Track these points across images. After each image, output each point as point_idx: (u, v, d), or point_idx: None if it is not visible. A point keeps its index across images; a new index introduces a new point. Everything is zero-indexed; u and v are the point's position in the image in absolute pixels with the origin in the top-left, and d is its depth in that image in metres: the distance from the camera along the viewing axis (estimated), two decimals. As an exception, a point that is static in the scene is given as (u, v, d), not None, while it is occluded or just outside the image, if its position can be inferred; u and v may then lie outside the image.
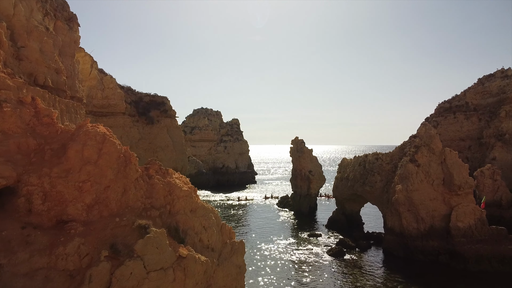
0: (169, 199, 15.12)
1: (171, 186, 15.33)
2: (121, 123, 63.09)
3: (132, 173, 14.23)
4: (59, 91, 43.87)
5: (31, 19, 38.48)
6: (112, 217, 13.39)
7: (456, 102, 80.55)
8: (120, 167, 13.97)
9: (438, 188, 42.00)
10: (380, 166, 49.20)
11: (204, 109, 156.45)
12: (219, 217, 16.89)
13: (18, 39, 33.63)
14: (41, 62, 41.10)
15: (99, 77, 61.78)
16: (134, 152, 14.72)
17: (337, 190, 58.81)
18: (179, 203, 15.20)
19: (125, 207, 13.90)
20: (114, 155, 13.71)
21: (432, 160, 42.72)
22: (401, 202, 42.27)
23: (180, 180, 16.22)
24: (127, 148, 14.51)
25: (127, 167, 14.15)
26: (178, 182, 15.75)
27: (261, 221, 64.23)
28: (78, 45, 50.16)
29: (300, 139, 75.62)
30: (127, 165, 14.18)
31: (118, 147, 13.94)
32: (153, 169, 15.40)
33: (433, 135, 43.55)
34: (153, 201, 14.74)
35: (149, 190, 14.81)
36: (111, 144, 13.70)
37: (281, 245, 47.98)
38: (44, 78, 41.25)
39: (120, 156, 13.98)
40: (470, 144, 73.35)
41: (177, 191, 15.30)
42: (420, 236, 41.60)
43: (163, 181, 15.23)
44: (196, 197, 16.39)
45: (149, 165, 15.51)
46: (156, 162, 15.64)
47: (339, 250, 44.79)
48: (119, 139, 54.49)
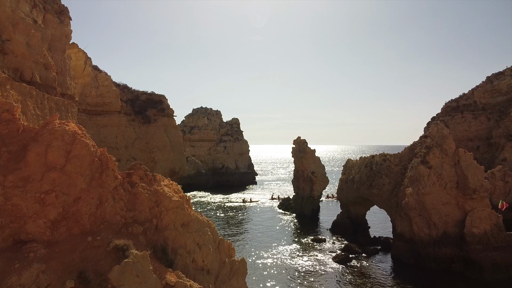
0: (156, 212, 12.57)
1: (159, 195, 12.77)
2: (116, 122, 60.48)
3: (110, 181, 11.66)
4: (48, 88, 41.27)
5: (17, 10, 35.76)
6: (84, 236, 10.84)
7: (463, 101, 77.97)
8: (95, 173, 11.42)
9: (451, 192, 39.45)
10: (388, 167, 46.64)
11: (203, 109, 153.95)
12: (216, 231, 14.33)
13: (2, 32, 30.93)
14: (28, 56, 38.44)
15: (93, 74, 59.17)
16: (112, 156, 12.14)
17: (342, 192, 56.24)
18: (168, 216, 12.64)
19: (100, 222, 11.34)
20: (87, 158, 11.14)
21: (445, 161, 40.16)
22: (411, 206, 39.71)
23: (170, 188, 13.65)
24: (104, 150, 11.93)
25: (103, 174, 11.58)
26: (168, 191, 13.19)
27: (262, 224, 61.66)
28: (70, 40, 47.50)
29: (303, 139, 73.04)
30: (103, 171, 11.61)
31: (91, 149, 11.37)
32: (136, 175, 12.82)
33: (445, 135, 41.00)
34: (136, 215, 12.18)
35: (131, 201, 12.25)
36: (83, 146, 11.12)
37: (284, 252, 45.41)
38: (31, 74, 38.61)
39: (94, 160, 11.41)
40: (479, 144, 70.82)
41: (165, 202, 12.74)
42: (432, 243, 39.06)
43: (148, 190, 12.67)
44: (189, 208, 13.83)
45: (132, 171, 12.93)
46: (140, 167, 13.06)
47: (345, 257, 42.27)
48: (114, 139, 51.43)
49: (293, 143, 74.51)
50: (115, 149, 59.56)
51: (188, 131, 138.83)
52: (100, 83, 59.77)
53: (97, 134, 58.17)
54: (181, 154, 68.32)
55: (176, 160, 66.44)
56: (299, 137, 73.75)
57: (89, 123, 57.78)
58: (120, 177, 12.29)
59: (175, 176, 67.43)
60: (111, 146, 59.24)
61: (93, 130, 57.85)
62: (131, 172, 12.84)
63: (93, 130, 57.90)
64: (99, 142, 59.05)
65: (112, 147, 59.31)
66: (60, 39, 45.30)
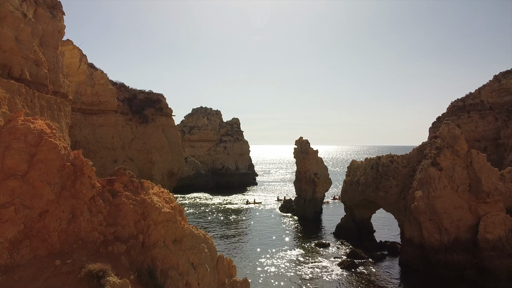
0: (143, 226, 10.57)
1: (146, 206, 10.77)
2: (112, 122, 58.48)
3: (85, 190, 9.67)
4: (39, 85, 39.20)
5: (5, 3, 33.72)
6: (52, 258, 8.85)
7: (470, 101, 75.92)
8: (66, 181, 9.42)
9: (463, 195, 37.43)
10: (396, 169, 44.60)
11: (203, 108, 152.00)
12: (214, 247, 12.31)
13: (-13, 25, 28.92)
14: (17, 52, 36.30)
15: (89, 72, 57.18)
16: (89, 160, 10.13)
17: (346, 195, 54.20)
18: (157, 232, 10.64)
19: (73, 241, 9.34)
20: (55, 163, 9.16)
21: (457, 163, 38.14)
22: (421, 210, 37.68)
23: (160, 197, 11.64)
24: (78, 153, 9.93)
25: (77, 182, 9.59)
26: (157, 201, 11.18)
27: (263, 227, 59.63)
28: (63, 36, 45.52)
29: (305, 139, 71.00)
30: (77, 179, 9.62)
31: (62, 152, 9.38)
32: (120, 182, 10.81)
33: (457, 136, 38.99)
34: (118, 230, 10.17)
35: (113, 213, 10.25)
36: (51, 148, 9.13)
37: (286, 257, 43.38)
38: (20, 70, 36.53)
39: (66, 165, 9.42)
40: (486, 145, 68.82)
41: (154, 214, 10.74)
42: (443, 249, 37.02)
43: (134, 200, 10.67)
44: (182, 220, 11.82)
45: (114, 177, 10.92)
46: (125, 172, 11.05)
47: (351, 263, 40.23)
48: (110, 139, 48.94)
49: (295, 144, 72.48)
50: (111, 150, 57.63)
51: (188, 131, 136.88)
52: (96, 81, 57.78)
53: (93, 134, 56.20)
54: (179, 155, 66.33)
55: (175, 161, 64.46)
56: (301, 137, 71.70)
57: (85, 122, 55.83)
58: (99, 185, 10.28)
59: (174, 177, 65.46)
60: (107, 146, 57.31)
61: (88, 130, 55.92)
62: (113, 179, 10.82)
63: (89, 130, 55.97)
64: (94, 142, 57.18)
65: (108, 147, 57.38)
66: (53, 34, 43.29)
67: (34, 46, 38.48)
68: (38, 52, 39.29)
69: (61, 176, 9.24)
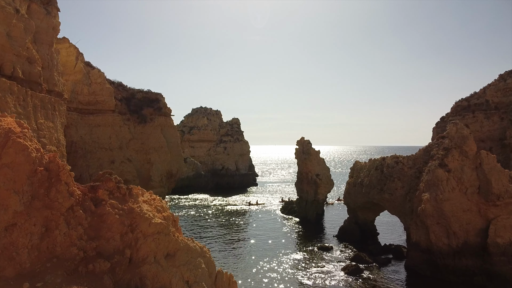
0: (130, 239, 9.21)
1: (135, 216, 9.41)
2: (110, 121, 57.15)
3: (62, 199, 8.30)
4: (32, 83, 37.83)
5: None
6: (19, 280, 7.50)
7: (475, 100, 74.53)
8: (38, 189, 8.06)
9: (472, 198, 36.04)
10: (401, 170, 43.20)
11: (203, 108, 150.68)
12: (212, 261, 10.94)
13: (-24, 20, 27.60)
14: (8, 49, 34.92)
15: (86, 70, 55.88)
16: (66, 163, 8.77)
17: (349, 196, 52.80)
18: (146, 245, 9.28)
19: (46, 259, 7.98)
20: (25, 168, 7.80)
21: (465, 164, 36.75)
22: (428, 213, 36.30)
23: (152, 205, 10.26)
24: (54, 156, 8.56)
25: (51, 189, 8.23)
26: (147, 210, 9.81)
27: (264, 230, 58.23)
28: (58, 32, 44.17)
29: (306, 139, 69.58)
30: (52, 186, 8.26)
31: (33, 155, 8.01)
32: (104, 189, 9.44)
33: (466, 136, 37.61)
34: (102, 245, 8.82)
35: (95, 225, 8.90)
36: (19, 150, 7.76)
37: (288, 261, 41.99)
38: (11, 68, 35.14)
39: (38, 170, 8.06)
40: (491, 145, 67.43)
41: (143, 225, 9.39)
42: (451, 253, 35.66)
43: (121, 209, 9.31)
44: (176, 231, 10.45)
45: (98, 183, 9.56)
46: (110, 178, 9.69)
47: (355, 268, 38.83)
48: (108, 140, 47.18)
49: (296, 144, 71.07)
50: (108, 150, 56.31)
51: (188, 131, 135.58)
52: (93, 80, 56.46)
53: (90, 134, 54.89)
54: (178, 155, 64.97)
55: (174, 162, 63.11)
56: (302, 137, 70.28)
57: (81, 122, 54.52)
58: (79, 192, 8.91)
59: (173, 178, 64.13)
60: (105, 147, 56.00)
61: (85, 130, 54.60)
62: (96, 185, 9.45)
63: (85, 130, 54.65)
64: (91, 142, 55.80)
65: (105, 148, 56.06)
66: (47, 31, 41.92)
67: (27, 43, 37.10)
68: (31, 49, 37.91)
69: (32, 183, 7.89)
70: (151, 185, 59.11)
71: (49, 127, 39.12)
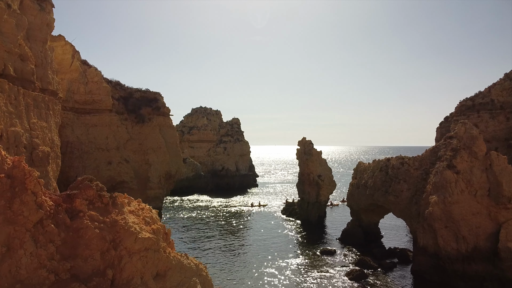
0: (113, 258, 7.83)
1: (118, 230, 8.03)
2: (107, 121, 55.69)
3: (28, 212, 6.92)
4: (24, 81, 36.37)
5: (-14, -8, 31.04)
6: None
7: (479, 100, 73.11)
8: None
9: (482, 200, 34.64)
10: (407, 172, 41.80)
11: (203, 108, 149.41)
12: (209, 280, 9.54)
13: (-36, 14, 26.24)
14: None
15: (82, 69, 54.45)
16: (34, 169, 7.39)
17: (353, 198, 51.40)
18: (131, 265, 7.89)
19: (8, 285, 6.60)
20: (-20, 176, 6.42)
21: (475, 166, 35.36)
22: (436, 216, 34.90)
23: (139, 216, 8.87)
24: (19, 161, 7.18)
25: (15, 201, 6.85)
26: (134, 221, 8.43)
27: (265, 232, 56.85)
28: (52, 29, 42.73)
29: (308, 140, 68.19)
30: (15, 196, 6.88)
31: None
32: (82, 198, 8.05)
33: (475, 136, 36.22)
34: (78, 265, 7.43)
35: (70, 242, 7.52)
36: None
37: (290, 266, 40.58)
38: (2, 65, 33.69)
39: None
40: (497, 146, 65.94)
41: (128, 241, 8.00)
42: (460, 258, 34.25)
43: (102, 222, 7.92)
44: (167, 246, 9.06)
45: (76, 191, 8.16)
46: (90, 185, 8.29)
47: (360, 273, 37.48)
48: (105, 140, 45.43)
49: (298, 144, 69.67)
50: (105, 151, 54.89)
51: (187, 131, 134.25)
52: (90, 79, 55.02)
53: (86, 135, 53.47)
54: (177, 156, 63.54)
55: (172, 163, 61.67)
56: (304, 138, 68.89)
57: (77, 122, 53.09)
58: (51, 203, 7.53)
59: (171, 179, 62.71)
60: (101, 147, 54.58)
61: (81, 130, 53.18)
62: (73, 194, 8.06)
63: (82, 130, 53.22)
64: (88, 143, 54.36)
65: (102, 148, 54.65)
66: (41, 28, 40.48)
67: (19, 39, 35.66)
68: (23, 46, 36.48)
69: (-11, 194, 6.52)
70: (149, 186, 57.72)
71: (43, 127, 37.71)
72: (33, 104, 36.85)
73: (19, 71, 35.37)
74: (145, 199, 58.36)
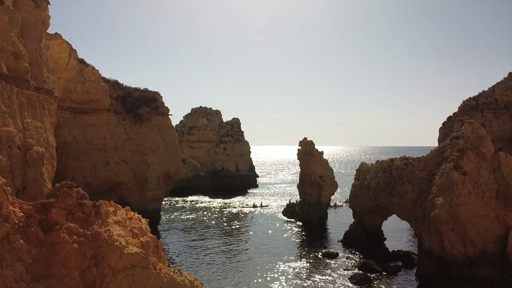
0: (94, 277, 6.79)
1: (101, 245, 7.00)
2: (104, 121, 54.70)
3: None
4: (18, 80, 35.32)
5: (-22, -13, 30.02)
6: None
7: (483, 99, 72.02)
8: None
9: (490, 203, 33.59)
10: (411, 173, 40.75)
11: (202, 108, 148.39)
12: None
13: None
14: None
15: (79, 68, 53.44)
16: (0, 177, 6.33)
17: (355, 200, 50.34)
18: (115, 284, 6.87)
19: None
20: None
21: (482, 167, 34.31)
22: (443, 219, 33.85)
23: (126, 228, 7.83)
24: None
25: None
26: (119, 234, 7.39)
27: (265, 234, 55.80)
28: (47, 27, 41.69)
29: (309, 140, 67.15)
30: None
31: None
32: (60, 207, 7.02)
33: (482, 136, 35.18)
34: (52, 286, 6.39)
35: (44, 259, 6.48)
36: None
37: (291, 270, 39.51)
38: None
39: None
40: (501, 146, 64.91)
41: (112, 257, 6.97)
42: (467, 262, 33.18)
43: (82, 235, 6.89)
44: (158, 262, 8.01)
45: (52, 200, 7.11)
46: (69, 192, 7.25)
47: (364, 277, 36.39)
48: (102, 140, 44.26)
49: (299, 145, 68.62)
50: (103, 151, 53.89)
51: (187, 131, 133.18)
52: (87, 78, 54.02)
53: (83, 135, 52.46)
54: (176, 157, 62.52)
55: (171, 163, 60.67)
56: (305, 138, 67.84)
57: (74, 122, 52.09)
58: (21, 214, 6.48)
59: (170, 180, 61.70)
60: (99, 147, 53.59)
61: (78, 130, 52.18)
62: (48, 203, 7.02)
63: (79, 130, 52.23)
64: (85, 143, 53.28)
65: (100, 149, 53.64)
66: (35, 25, 39.43)
67: (13, 36, 34.60)
68: (17, 43, 35.41)
69: None
70: (148, 188, 56.72)
71: (37, 126, 36.67)
72: (27, 103, 35.81)
73: (13, 69, 34.34)
74: (144, 200, 57.35)
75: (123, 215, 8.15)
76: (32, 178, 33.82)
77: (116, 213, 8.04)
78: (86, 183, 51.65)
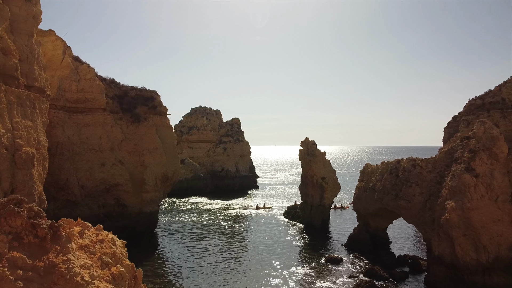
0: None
1: (56, 281, 5.26)
2: (100, 121, 52.94)
3: None
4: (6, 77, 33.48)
5: (-38, -21, 28.34)
6: None
7: (490, 99, 70.21)
8: None
9: (504, 206, 31.83)
10: (419, 175, 39.00)
11: (202, 108, 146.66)
12: None
13: None
14: (-24, 37, 31.02)
15: (74, 65, 51.69)
16: None
17: (360, 202, 48.56)
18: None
19: None
20: None
21: (495, 169, 32.56)
22: (454, 224, 32.09)
23: (94, 255, 6.09)
24: None
25: None
26: (83, 264, 5.66)
27: (266, 237, 54.04)
28: (39, 22, 39.88)
29: (311, 140, 65.35)
30: None
31: None
32: (2, 232, 5.26)
33: (495, 136, 33.46)
34: None
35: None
36: None
37: (293, 276, 37.77)
38: (-19, 59, 31.19)
39: None
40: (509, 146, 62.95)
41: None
42: (480, 269, 31.43)
43: (30, 268, 5.14)
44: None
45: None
46: (16, 210, 5.50)
47: (370, 284, 34.62)
48: (98, 140, 41.84)
49: (300, 145, 66.83)
50: (98, 152, 52.12)
51: (186, 131, 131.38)
52: (82, 76, 52.24)
53: (78, 135, 50.70)
54: (174, 157, 60.75)
55: (169, 164, 58.89)
56: (307, 138, 66.04)
57: (69, 121, 50.33)
58: None
59: (168, 181, 59.90)
60: (94, 148, 51.82)
61: (73, 130, 50.42)
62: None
63: (73, 130, 50.46)
64: (80, 143, 51.46)
65: (95, 149, 51.88)
66: (26, 20, 37.61)
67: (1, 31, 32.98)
68: (5, 39, 33.61)
69: None
70: (145, 189, 54.96)
71: (27, 126, 34.87)
72: (16, 102, 33.99)
73: (1, 66, 32.51)
74: (141, 203, 55.56)
75: (92, 237, 6.42)
76: (21, 180, 32.06)
77: (83, 234, 6.31)
78: (81, 184, 49.93)
